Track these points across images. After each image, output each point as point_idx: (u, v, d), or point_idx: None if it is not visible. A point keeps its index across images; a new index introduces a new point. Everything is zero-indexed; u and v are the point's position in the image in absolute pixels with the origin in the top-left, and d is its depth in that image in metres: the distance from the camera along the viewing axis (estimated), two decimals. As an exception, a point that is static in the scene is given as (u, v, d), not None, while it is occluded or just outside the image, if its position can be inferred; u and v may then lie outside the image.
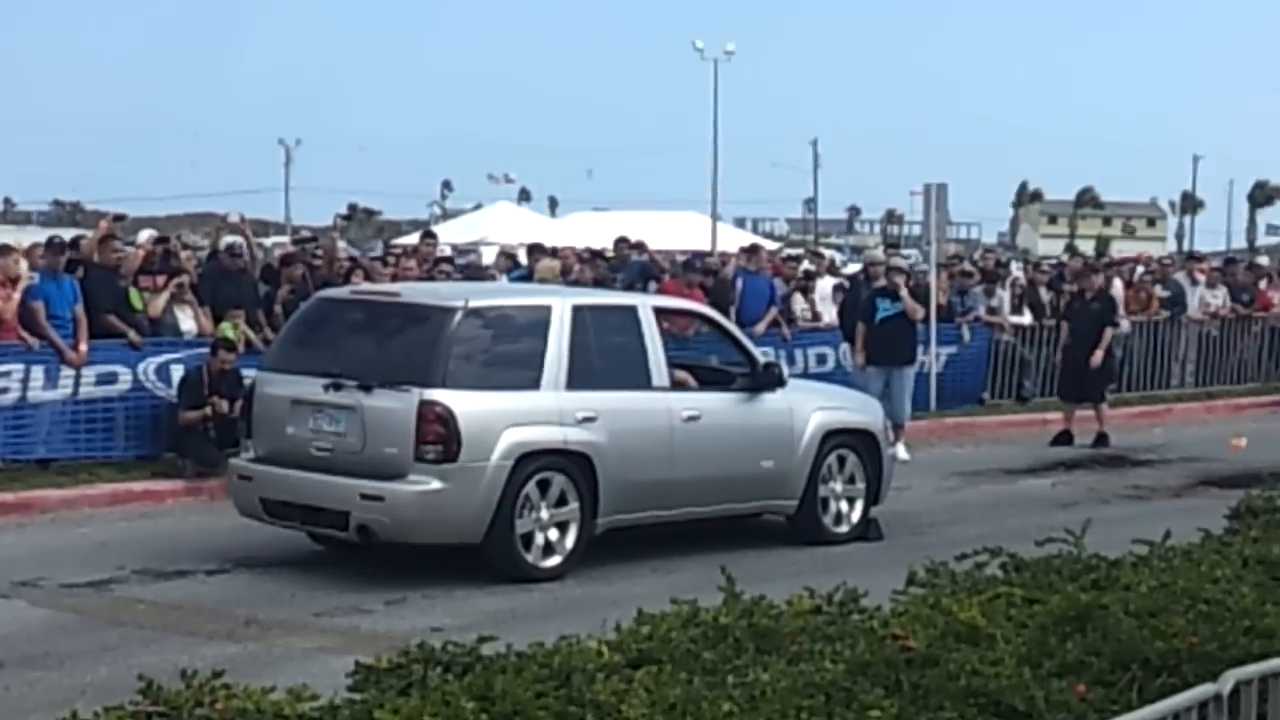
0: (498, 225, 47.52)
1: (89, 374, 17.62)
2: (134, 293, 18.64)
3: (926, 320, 23.87)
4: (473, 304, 13.90)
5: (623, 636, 7.26)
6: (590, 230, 43.95)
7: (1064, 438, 22.77)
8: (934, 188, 25.56)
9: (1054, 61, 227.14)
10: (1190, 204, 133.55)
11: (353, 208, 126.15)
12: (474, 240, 41.82)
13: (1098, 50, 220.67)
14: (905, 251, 53.90)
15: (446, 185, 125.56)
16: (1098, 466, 21.07)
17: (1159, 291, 28.36)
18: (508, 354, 13.96)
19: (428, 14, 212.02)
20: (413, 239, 35.29)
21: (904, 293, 20.90)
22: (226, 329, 18.37)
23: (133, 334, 18.06)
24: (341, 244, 26.91)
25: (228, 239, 20.90)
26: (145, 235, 21.25)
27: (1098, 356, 23.06)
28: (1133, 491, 18.90)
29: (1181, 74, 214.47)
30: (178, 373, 17.95)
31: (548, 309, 14.14)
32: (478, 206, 67.13)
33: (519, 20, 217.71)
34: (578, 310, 14.24)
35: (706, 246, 44.80)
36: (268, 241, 35.95)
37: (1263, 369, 29.59)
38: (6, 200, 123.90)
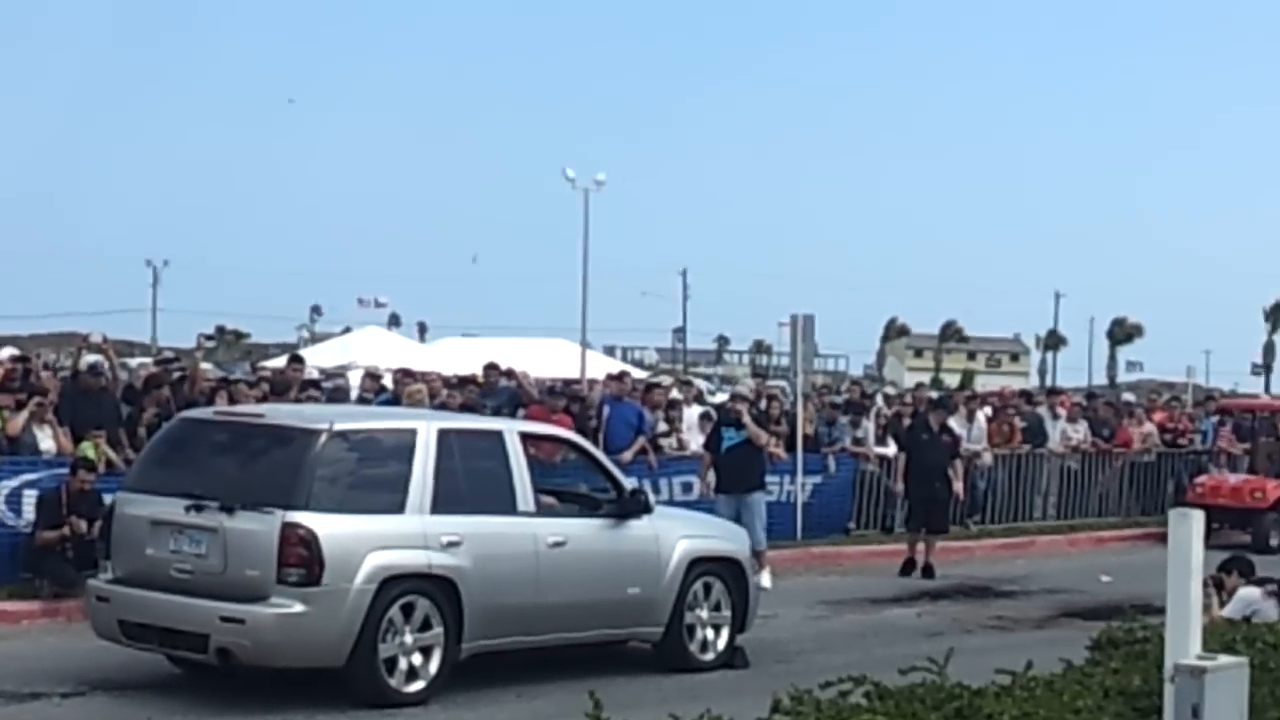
0: (367, 349, 47.17)
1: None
2: (-9, 411, 18.36)
3: (792, 449, 24.04)
4: (338, 427, 13.81)
5: (485, 762, 7.19)
6: (460, 356, 43.73)
7: (909, 567, 22.90)
8: (801, 319, 25.82)
9: (920, 197, 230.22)
10: (1053, 340, 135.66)
11: (220, 329, 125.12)
12: (343, 364, 41.57)
13: (962, 188, 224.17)
14: (773, 382, 54.17)
15: (315, 309, 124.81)
16: (962, 597, 21.19)
17: (1019, 424, 28.68)
18: (372, 477, 13.86)
19: (299, 137, 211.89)
20: (280, 362, 35.07)
21: (747, 419, 21.01)
22: (87, 449, 18.15)
23: (-11, 452, 17.78)
24: (206, 365, 26.67)
25: (89, 358, 20.68)
26: (5, 353, 21.04)
27: (960, 488, 23.63)
28: (996, 622, 19.02)
29: (1043, 212, 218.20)
30: (32, 495, 17.67)
31: (413, 432, 14.08)
32: (347, 330, 66.75)
33: (391, 144, 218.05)
34: (443, 434, 14.19)
35: (576, 373, 44.81)
36: (133, 362, 35.53)
37: (1124, 503, 29.98)
38: None
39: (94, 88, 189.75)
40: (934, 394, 30.61)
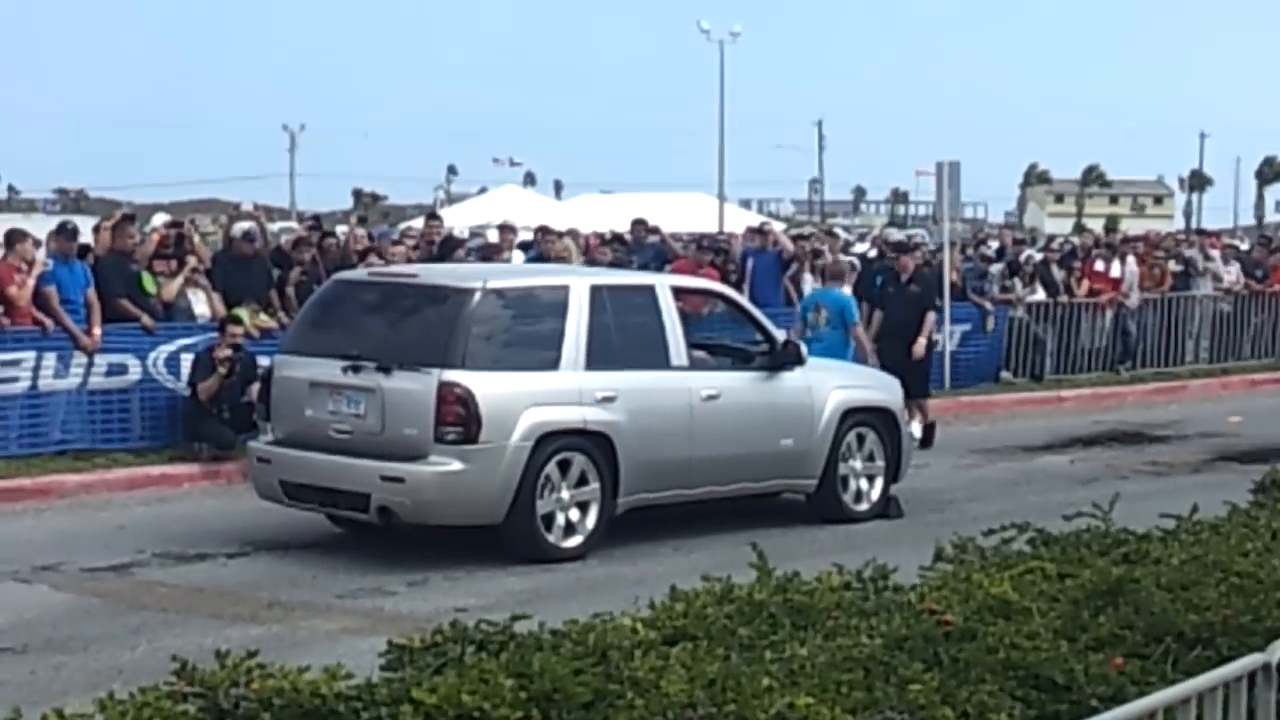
0: (504, 208, 47.25)
1: (100, 364, 17.56)
2: (147, 277, 18.57)
3: (940, 298, 23.77)
4: (491, 284, 13.85)
5: (657, 613, 7.21)
6: (596, 212, 43.89)
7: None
8: (946, 165, 25.44)
9: (1059, 40, 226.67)
10: (1198, 181, 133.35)
11: (358, 193, 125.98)
12: (481, 224, 41.73)
13: (1104, 28, 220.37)
14: (911, 231, 53.73)
15: (451, 169, 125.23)
16: (1115, 443, 21.01)
17: (1172, 267, 28.26)
18: (527, 334, 13.92)
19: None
20: (418, 223, 35.23)
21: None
22: (241, 314, 18.29)
23: (146, 318, 18.00)
24: (342, 229, 26.89)
25: (241, 225, 20.84)
26: (159, 219, 21.23)
27: (920, 345, 20.26)
28: (1151, 467, 18.85)
29: (1187, 50, 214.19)
30: (188, 359, 17.86)
31: (566, 289, 14.09)
32: (483, 190, 66.94)
33: (523, 3, 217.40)
34: (596, 290, 14.18)
35: (713, 228, 44.68)
36: (274, 227, 35.88)
37: (1277, 343, 29.48)
38: (10, 188, 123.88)
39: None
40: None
